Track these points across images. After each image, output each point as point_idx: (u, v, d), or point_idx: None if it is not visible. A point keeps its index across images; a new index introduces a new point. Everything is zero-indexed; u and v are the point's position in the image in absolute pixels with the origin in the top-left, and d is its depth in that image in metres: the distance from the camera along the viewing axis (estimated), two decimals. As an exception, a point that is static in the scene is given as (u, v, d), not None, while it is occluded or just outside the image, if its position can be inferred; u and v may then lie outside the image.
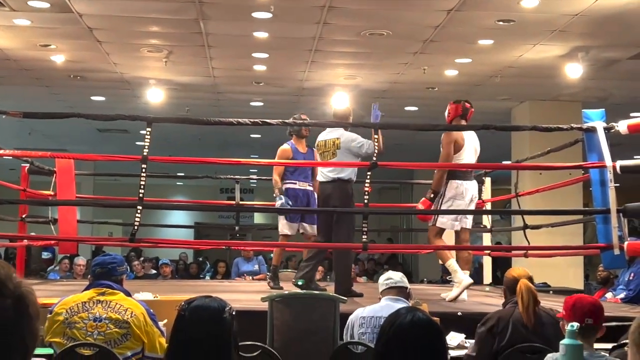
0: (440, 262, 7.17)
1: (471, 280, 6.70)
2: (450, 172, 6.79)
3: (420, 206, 6.92)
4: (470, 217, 7.12)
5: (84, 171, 12.26)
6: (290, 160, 7.50)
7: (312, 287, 6.85)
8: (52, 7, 8.17)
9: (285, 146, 7.67)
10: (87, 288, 4.23)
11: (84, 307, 4.06)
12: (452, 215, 6.83)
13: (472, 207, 6.96)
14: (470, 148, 6.88)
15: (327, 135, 7.12)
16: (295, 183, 7.57)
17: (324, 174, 7.02)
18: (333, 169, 6.92)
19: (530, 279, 4.43)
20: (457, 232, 7.06)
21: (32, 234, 8.83)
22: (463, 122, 6.96)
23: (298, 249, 9.38)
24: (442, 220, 6.86)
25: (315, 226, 7.49)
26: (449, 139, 6.83)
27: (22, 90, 12.16)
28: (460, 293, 6.59)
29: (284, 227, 7.56)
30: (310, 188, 7.62)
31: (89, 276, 4.43)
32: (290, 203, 7.31)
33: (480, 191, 7.01)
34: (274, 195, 7.44)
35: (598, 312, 3.57)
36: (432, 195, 6.78)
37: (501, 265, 14.54)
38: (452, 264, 6.73)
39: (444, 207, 6.76)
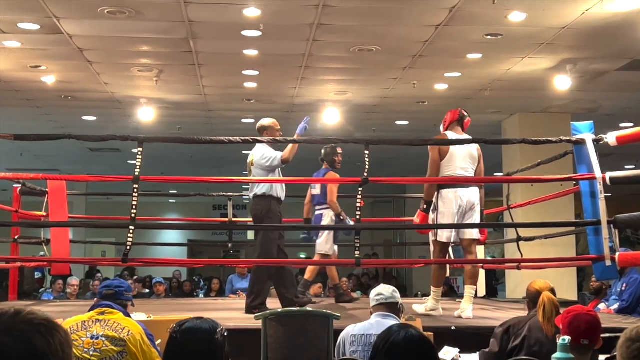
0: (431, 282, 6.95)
1: (440, 313, 6.62)
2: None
3: (416, 219, 6.90)
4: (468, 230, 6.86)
5: (76, 191, 12.25)
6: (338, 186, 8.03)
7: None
8: (42, 28, 8.20)
9: (332, 173, 8.13)
10: (92, 309, 4.28)
11: (83, 326, 4.11)
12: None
13: (474, 215, 6.69)
14: (461, 153, 6.67)
15: (250, 153, 7.22)
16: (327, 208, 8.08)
17: (249, 191, 7.17)
18: (251, 186, 7.08)
19: (552, 290, 4.47)
20: (463, 245, 6.87)
21: (44, 255, 8.79)
22: (458, 128, 6.87)
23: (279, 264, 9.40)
24: (439, 234, 6.68)
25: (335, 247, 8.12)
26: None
27: (12, 111, 12.16)
28: (424, 313, 6.55)
29: (327, 246, 8.03)
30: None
31: (96, 298, 4.52)
32: (310, 234, 8.05)
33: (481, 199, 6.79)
34: (341, 218, 7.84)
35: (595, 332, 3.55)
36: (424, 207, 6.69)
37: (493, 277, 14.58)
38: (437, 292, 6.71)
39: (440, 218, 6.60)
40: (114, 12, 7.69)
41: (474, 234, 6.76)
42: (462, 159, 6.69)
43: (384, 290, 4.47)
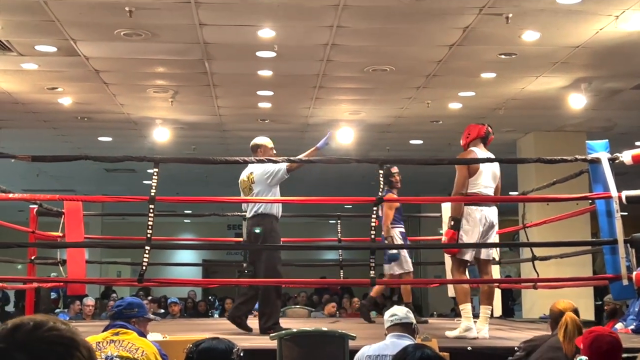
0: (457, 301, 6.82)
1: (475, 335, 6.31)
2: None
3: (444, 238, 6.80)
4: (491, 248, 6.78)
5: (92, 211, 12.33)
6: (396, 207, 8.27)
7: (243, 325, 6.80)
8: (59, 51, 8.29)
9: (393, 196, 8.27)
10: (106, 329, 4.29)
11: (97, 347, 4.11)
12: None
13: (493, 235, 6.63)
14: (487, 172, 6.56)
15: (245, 172, 7.07)
16: (402, 226, 8.37)
17: (247, 210, 7.01)
18: (252, 205, 6.88)
19: (576, 311, 4.46)
20: (478, 265, 6.77)
21: (56, 276, 8.83)
22: (482, 144, 6.75)
23: (294, 285, 9.41)
24: (463, 251, 6.49)
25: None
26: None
27: (29, 132, 12.28)
28: (460, 336, 6.37)
29: (392, 266, 8.21)
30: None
31: (108, 317, 4.57)
32: (396, 255, 8.13)
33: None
34: (386, 241, 8.03)
35: (615, 353, 3.53)
36: (452, 223, 6.46)
37: (510, 297, 14.48)
38: (466, 309, 6.41)
39: (463, 235, 6.41)
40: (130, 34, 7.77)
41: (491, 254, 6.70)
42: (488, 177, 6.58)
43: (398, 311, 4.46)
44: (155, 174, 6.15)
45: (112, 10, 7.13)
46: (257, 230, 6.74)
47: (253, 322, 6.95)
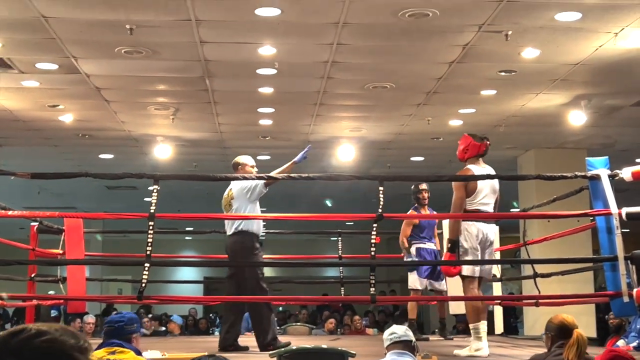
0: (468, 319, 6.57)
1: (486, 354, 6.17)
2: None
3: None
4: (488, 266, 6.63)
5: (92, 229, 12.31)
6: (415, 224, 8.36)
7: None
8: (60, 68, 8.32)
9: (412, 211, 8.44)
10: (99, 347, 4.26)
11: (92, 367, 4.07)
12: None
13: (490, 252, 6.53)
14: (486, 188, 6.47)
15: (226, 190, 7.05)
16: (424, 243, 8.39)
17: (227, 227, 6.97)
18: (232, 222, 6.85)
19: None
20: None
21: (53, 291, 8.81)
22: (480, 160, 6.69)
23: (295, 302, 9.40)
24: (464, 267, 6.36)
25: (442, 282, 8.20)
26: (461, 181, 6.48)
27: (30, 150, 12.31)
28: (471, 355, 6.29)
29: (414, 281, 8.26)
30: (435, 247, 8.45)
31: (102, 334, 4.51)
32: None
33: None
34: (403, 256, 8.25)
35: None
36: (450, 246, 6.39)
37: (512, 314, 14.43)
38: (476, 329, 6.26)
39: (462, 253, 6.32)
40: (130, 52, 7.80)
41: (490, 273, 6.62)
42: (487, 193, 6.48)
43: (397, 329, 4.45)
44: (154, 191, 6.15)
45: (112, 28, 7.16)
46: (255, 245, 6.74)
47: (249, 340, 6.92)
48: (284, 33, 7.37)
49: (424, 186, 8.42)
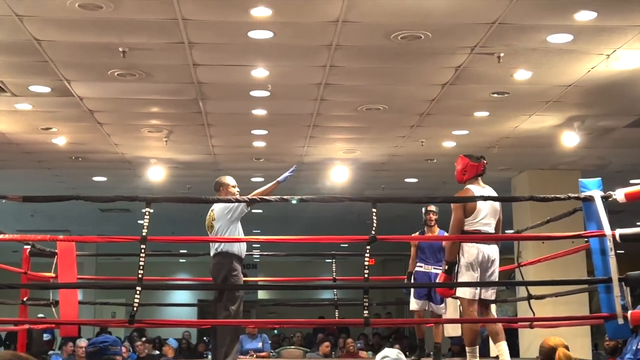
0: (465, 342, 6.52)
1: None
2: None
3: (438, 281, 6.68)
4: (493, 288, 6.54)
5: (86, 252, 12.25)
6: (417, 247, 8.16)
7: None
8: (53, 91, 8.32)
9: (417, 233, 8.34)
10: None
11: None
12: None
13: (493, 273, 6.40)
14: (486, 208, 6.37)
15: (209, 212, 7.05)
16: (421, 266, 8.20)
17: (211, 249, 6.96)
18: (214, 244, 6.84)
19: (567, 348, 4.40)
20: (482, 304, 6.65)
21: (42, 314, 8.74)
22: (479, 180, 6.65)
23: (288, 325, 9.35)
24: (462, 289, 6.31)
25: (441, 306, 8.03)
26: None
27: (23, 172, 12.27)
28: None
29: (412, 303, 8.15)
30: (436, 271, 8.02)
31: (86, 357, 4.48)
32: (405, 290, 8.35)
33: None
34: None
35: None
36: (447, 267, 6.32)
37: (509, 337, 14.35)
38: (472, 352, 6.24)
39: (461, 274, 6.25)
40: (124, 75, 7.81)
41: (492, 293, 6.53)
42: (487, 214, 6.41)
43: (389, 353, 4.43)
44: (146, 213, 6.11)
45: (105, 51, 7.17)
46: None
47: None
48: (277, 55, 7.38)
49: (431, 207, 8.31)
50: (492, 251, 6.44)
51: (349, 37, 6.86)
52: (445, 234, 8.34)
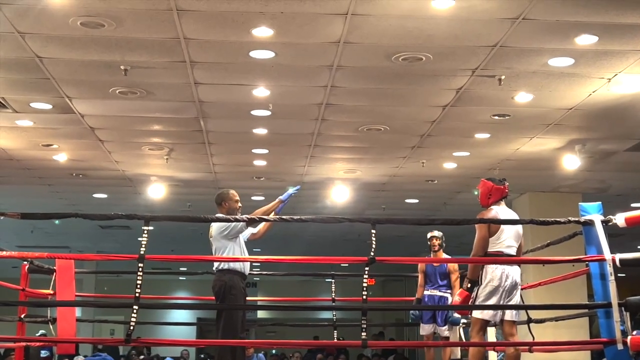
0: None
1: None
2: (488, 256, 6.30)
3: (457, 298, 6.59)
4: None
5: (85, 269, 12.23)
6: (423, 272, 8.36)
7: None
8: (54, 108, 8.33)
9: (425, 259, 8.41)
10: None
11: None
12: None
13: (517, 295, 6.41)
14: (509, 231, 6.36)
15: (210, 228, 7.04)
16: (428, 290, 8.38)
17: (214, 264, 6.95)
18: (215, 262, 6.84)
19: None
20: (502, 326, 6.42)
21: (43, 332, 8.70)
22: (502, 203, 6.65)
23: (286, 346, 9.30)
24: (479, 310, 6.27)
25: (444, 328, 8.17)
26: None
27: (24, 189, 12.28)
28: None
29: (421, 327, 8.32)
30: (440, 294, 8.31)
31: None
32: (415, 314, 8.38)
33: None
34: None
35: None
36: (469, 285, 6.25)
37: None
38: None
39: (482, 295, 6.21)
40: (125, 92, 7.82)
41: (515, 314, 6.48)
42: (510, 236, 6.40)
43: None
44: (145, 232, 6.09)
45: (107, 69, 7.18)
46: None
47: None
48: (278, 75, 7.39)
49: (434, 233, 8.33)
50: (515, 272, 6.39)
51: (350, 58, 6.87)
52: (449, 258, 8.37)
